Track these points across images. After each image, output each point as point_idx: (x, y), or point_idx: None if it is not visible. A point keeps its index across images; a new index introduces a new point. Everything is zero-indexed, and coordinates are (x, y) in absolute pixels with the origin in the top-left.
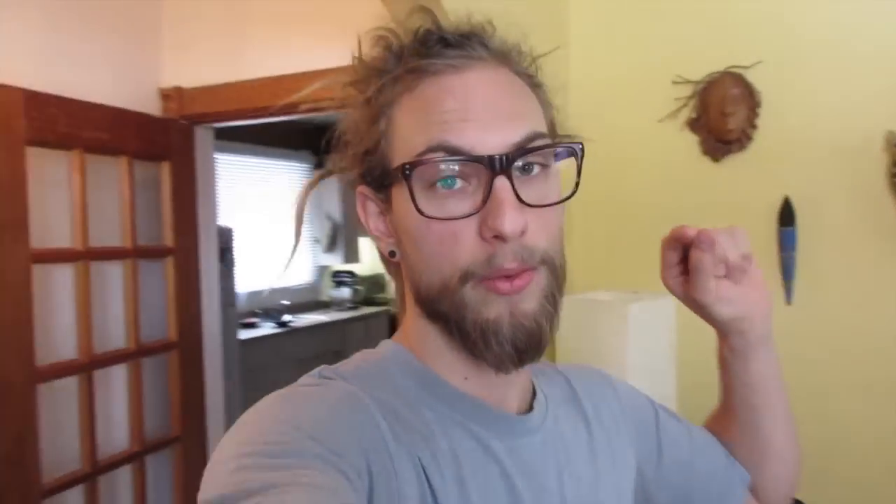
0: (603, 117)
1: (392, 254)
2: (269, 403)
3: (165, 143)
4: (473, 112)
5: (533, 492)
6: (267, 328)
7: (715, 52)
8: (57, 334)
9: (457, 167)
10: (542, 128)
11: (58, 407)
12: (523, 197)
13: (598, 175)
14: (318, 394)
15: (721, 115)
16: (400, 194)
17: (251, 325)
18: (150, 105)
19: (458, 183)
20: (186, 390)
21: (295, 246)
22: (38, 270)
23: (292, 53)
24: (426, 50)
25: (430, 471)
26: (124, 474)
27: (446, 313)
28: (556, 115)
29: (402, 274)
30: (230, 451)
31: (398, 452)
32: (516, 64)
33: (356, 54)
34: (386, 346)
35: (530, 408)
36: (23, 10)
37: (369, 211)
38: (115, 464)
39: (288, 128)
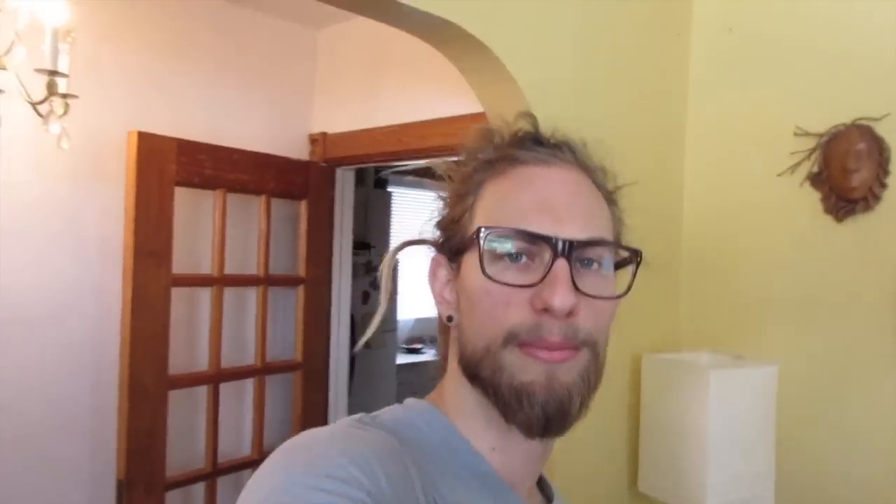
0: (719, 168)
1: (450, 318)
2: (317, 439)
3: (304, 183)
4: (552, 204)
5: None
6: (429, 355)
7: (841, 102)
8: (196, 348)
9: (525, 245)
10: (609, 235)
11: (188, 412)
12: (579, 285)
13: (711, 228)
14: (366, 438)
15: (843, 171)
16: (470, 260)
17: (416, 351)
18: (301, 149)
19: (524, 259)
20: (308, 408)
21: (384, 308)
22: (181, 293)
23: (419, 103)
24: (520, 144)
25: None
26: (243, 478)
27: (485, 377)
28: (625, 233)
29: (449, 338)
30: (273, 479)
31: None
32: (598, 177)
33: (464, 143)
34: (419, 404)
35: (542, 502)
36: (192, 69)
37: (439, 277)
38: (234, 467)
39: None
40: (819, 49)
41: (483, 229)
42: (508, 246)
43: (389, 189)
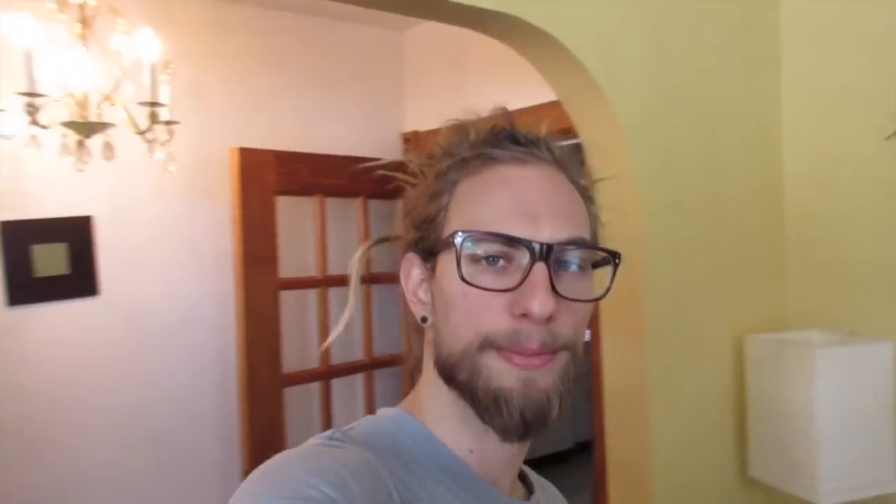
0: (820, 134)
1: (424, 319)
2: (287, 460)
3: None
4: (529, 205)
5: None
6: None
7: None
8: (307, 348)
9: (503, 248)
10: (587, 235)
11: (303, 407)
12: (557, 288)
13: (814, 198)
14: (337, 455)
15: None
16: (445, 262)
17: None
18: (394, 149)
19: (501, 262)
20: None
21: (352, 306)
22: (289, 295)
23: (503, 94)
24: (496, 142)
25: None
26: None
27: (462, 380)
28: (601, 230)
29: (424, 341)
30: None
31: None
32: (574, 174)
33: (438, 140)
34: (391, 412)
35: (523, 497)
36: (285, 82)
37: (412, 277)
38: None
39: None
40: None
41: (460, 233)
42: (486, 250)
43: None
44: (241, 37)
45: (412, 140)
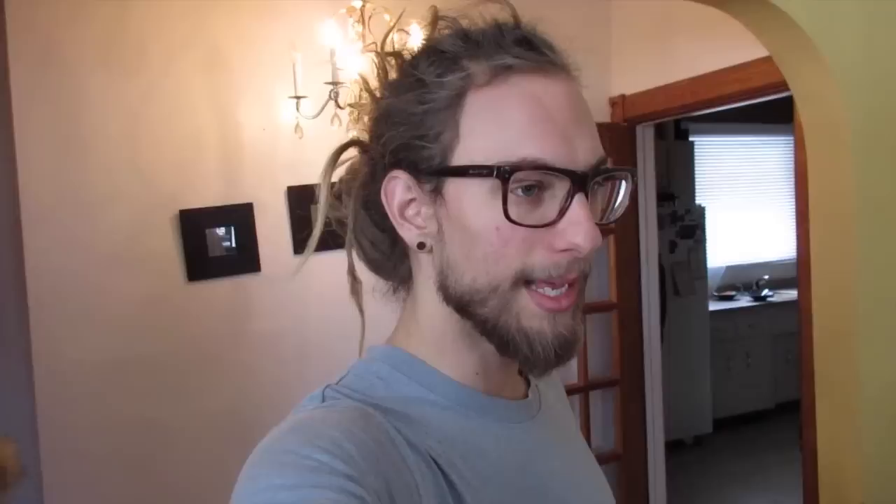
0: None
1: (422, 245)
2: (279, 435)
3: (606, 144)
4: (562, 125)
5: (544, 474)
6: (743, 301)
7: None
8: None
9: (541, 177)
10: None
11: None
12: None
13: None
14: (328, 418)
15: None
16: (464, 190)
17: (728, 298)
18: (602, 112)
19: (535, 191)
20: (625, 344)
21: (318, 230)
22: None
23: (709, 55)
24: (506, 45)
25: (450, 473)
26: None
27: (485, 315)
28: None
29: (415, 262)
30: (246, 487)
31: (417, 463)
32: (578, 80)
33: (426, 36)
34: (383, 352)
35: (524, 393)
36: None
37: (398, 197)
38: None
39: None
40: None
41: (505, 169)
42: (522, 179)
43: (691, 139)
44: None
45: (619, 103)
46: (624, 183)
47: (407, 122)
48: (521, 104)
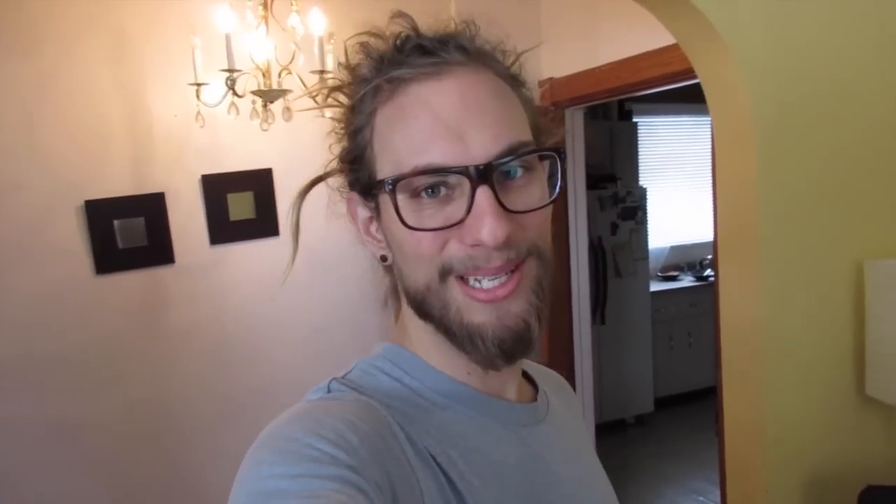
0: None
1: (384, 258)
2: (284, 423)
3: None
4: (453, 124)
5: (547, 479)
6: (686, 281)
7: None
8: None
9: (438, 179)
10: (524, 132)
11: None
12: (507, 203)
13: None
14: (333, 409)
15: None
16: (386, 203)
17: (672, 278)
18: (533, 97)
19: (443, 190)
20: (553, 331)
21: (294, 254)
22: None
23: (633, 39)
24: (403, 58)
25: (449, 471)
26: None
27: (434, 314)
28: (537, 112)
29: (394, 274)
30: (249, 474)
31: (417, 460)
32: (498, 65)
33: (341, 61)
34: (387, 349)
35: (532, 398)
36: None
37: (359, 217)
38: None
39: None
40: None
41: (389, 180)
42: (421, 184)
43: (634, 120)
44: (391, 5)
45: (547, 86)
46: (550, 164)
47: (344, 147)
48: (411, 112)
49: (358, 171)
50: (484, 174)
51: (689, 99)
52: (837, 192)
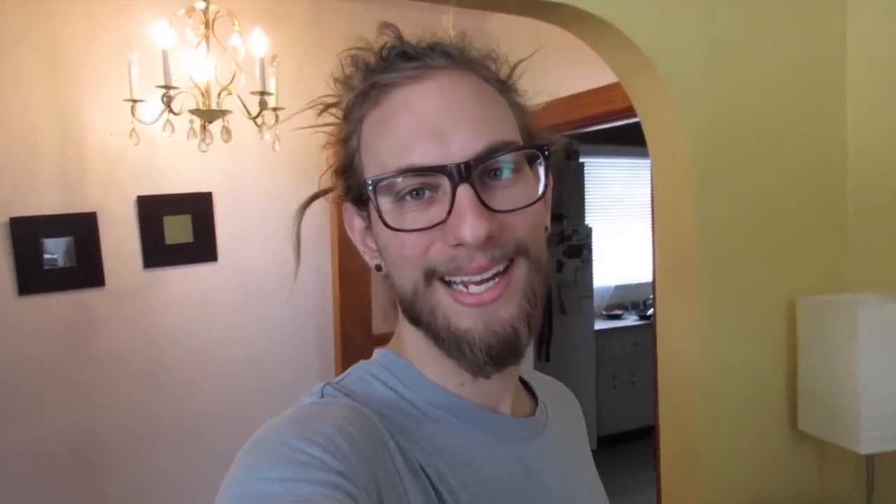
0: (883, 105)
1: (379, 268)
2: (275, 427)
3: None
4: (434, 124)
5: (540, 497)
6: (630, 320)
7: None
8: None
9: (420, 180)
10: (509, 133)
11: None
12: (491, 203)
13: (876, 167)
14: (325, 414)
15: None
16: (372, 209)
17: (616, 317)
18: None
19: (426, 193)
20: None
21: (297, 269)
22: None
23: (578, 76)
24: (387, 64)
25: (438, 484)
26: None
27: (424, 319)
28: (529, 119)
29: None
30: (237, 478)
31: (406, 470)
32: (485, 70)
33: (335, 75)
34: (383, 356)
35: (530, 410)
36: None
37: (355, 227)
38: None
39: None
40: None
41: (369, 181)
42: (403, 187)
43: (581, 160)
44: (339, 30)
45: None
46: (536, 162)
47: (337, 157)
48: (393, 114)
49: (349, 180)
50: (464, 173)
51: (635, 141)
52: (771, 231)
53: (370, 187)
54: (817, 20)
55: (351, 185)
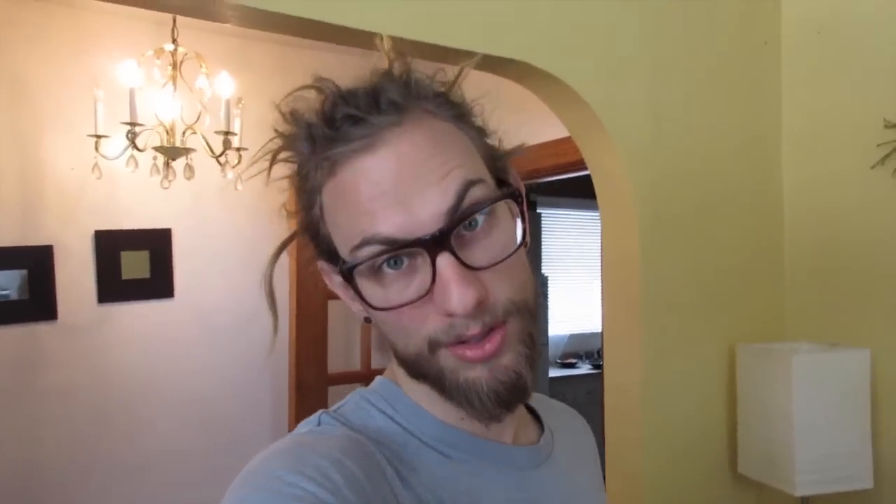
0: (816, 164)
1: (367, 319)
2: (268, 459)
3: None
4: (393, 193)
5: None
6: (584, 368)
7: None
8: (351, 353)
9: (396, 252)
10: (474, 171)
11: None
12: (472, 260)
13: (810, 221)
14: (321, 444)
15: None
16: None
17: (570, 365)
18: None
19: (404, 261)
20: None
21: (275, 322)
22: (336, 305)
23: (532, 128)
24: (335, 132)
25: None
26: None
27: (428, 377)
28: (491, 142)
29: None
30: None
31: (406, 497)
32: (435, 104)
33: (275, 126)
34: (381, 384)
35: (535, 438)
36: None
37: (335, 283)
38: None
39: None
40: None
41: (346, 266)
42: (380, 261)
43: (538, 210)
44: (302, 76)
45: None
46: (510, 211)
47: (303, 221)
48: (351, 188)
49: (319, 245)
50: (440, 241)
51: (590, 194)
52: (713, 282)
53: (345, 273)
54: (756, 89)
55: (322, 250)
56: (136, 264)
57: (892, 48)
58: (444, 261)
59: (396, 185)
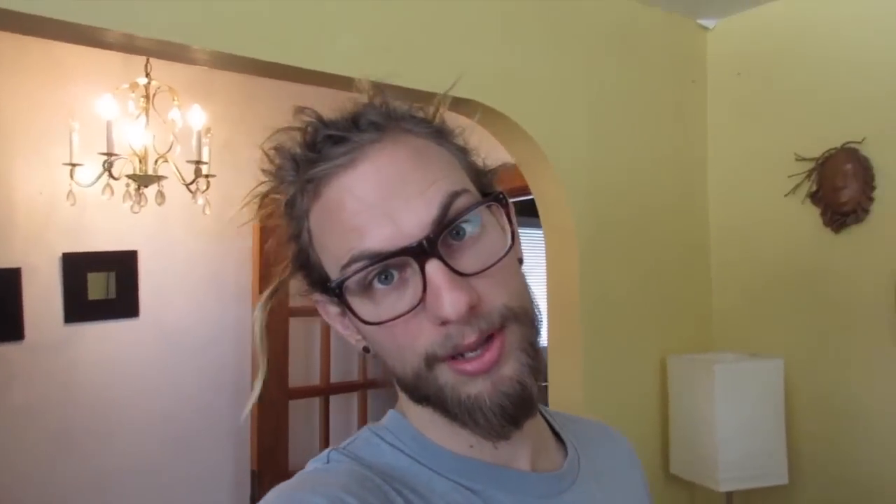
0: (737, 191)
1: (366, 350)
2: (283, 493)
3: None
4: (378, 206)
5: None
6: None
7: (832, 129)
8: (311, 368)
9: (385, 265)
10: (458, 182)
11: (306, 419)
12: (461, 267)
13: (733, 243)
14: (322, 483)
15: (834, 189)
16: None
17: None
18: None
19: (394, 275)
20: None
21: (264, 372)
22: (298, 322)
23: (486, 154)
24: (316, 154)
25: None
26: None
27: (428, 397)
28: (473, 156)
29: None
30: None
31: None
32: (414, 124)
33: (262, 166)
34: (391, 418)
35: (559, 462)
36: None
37: (331, 315)
38: None
39: None
40: (813, 86)
41: (333, 286)
42: (371, 276)
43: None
44: (266, 104)
45: None
46: (496, 214)
47: (293, 252)
48: (336, 207)
49: (310, 275)
50: (428, 249)
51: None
52: (646, 297)
53: (335, 290)
54: (685, 123)
55: (314, 280)
56: (103, 285)
57: (802, 91)
58: (434, 267)
59: (381, 199)
